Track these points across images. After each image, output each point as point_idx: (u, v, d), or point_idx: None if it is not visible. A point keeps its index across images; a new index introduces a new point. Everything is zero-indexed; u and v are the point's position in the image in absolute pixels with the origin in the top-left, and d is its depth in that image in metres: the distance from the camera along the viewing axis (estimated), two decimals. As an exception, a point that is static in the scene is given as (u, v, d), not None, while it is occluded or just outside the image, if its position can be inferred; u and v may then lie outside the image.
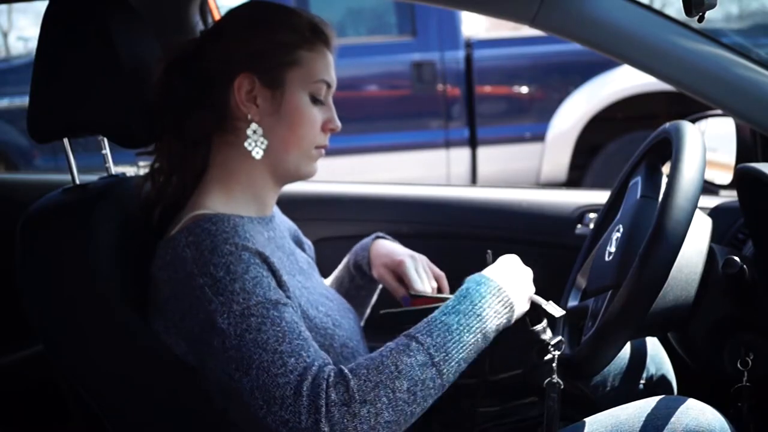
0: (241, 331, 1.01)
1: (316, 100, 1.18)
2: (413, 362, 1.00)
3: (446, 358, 1.01)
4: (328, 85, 1.20)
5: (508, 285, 1.11)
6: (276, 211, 1.32)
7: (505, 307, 1.08)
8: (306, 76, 1.17)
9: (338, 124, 1.21)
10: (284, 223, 1.34)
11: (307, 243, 1.42)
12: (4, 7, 5.74)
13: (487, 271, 1.14)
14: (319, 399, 0.96)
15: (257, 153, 1.16)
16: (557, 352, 1.17)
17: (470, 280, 1.12)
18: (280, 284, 1.08)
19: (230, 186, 1.18)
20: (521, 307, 1.13)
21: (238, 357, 1.00)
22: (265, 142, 1.16)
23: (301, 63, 1.17)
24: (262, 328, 1.01)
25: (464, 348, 1.03)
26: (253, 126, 1.16)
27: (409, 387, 0.98)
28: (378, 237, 1.45)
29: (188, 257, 1.05)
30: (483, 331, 1.05)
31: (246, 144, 1.16)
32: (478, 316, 1.05)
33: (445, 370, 1.01)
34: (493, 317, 1.07)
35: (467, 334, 1.04)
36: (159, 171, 1.21)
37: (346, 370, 0.99)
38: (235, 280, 1.03)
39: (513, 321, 1.11)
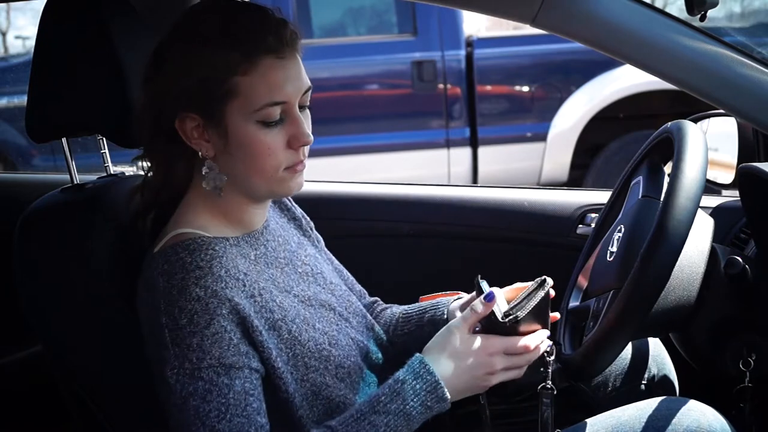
0: (187, 393, 1.00)
1: (268, 124, 1.06)
2: None
3: None
4: (282, 103, 1.06)
5: (450, 379, 1.07)
6: (273, 214, 1.28)
7: (438, 402, 1.06)
8: (247, 104, 1.05)
9: (308, 138, 1.09)
10: (284, 228, 1.29)
11: (316, 236, 1.38)
12: (2, 5, 5.73)
13: (435, 355, 1.09)
14: None
15: (216, 191, 1.10)
16: (551, 358, 1.16)
17: (410, 367, 1.07)
18: (250, 332, 1.04)
19: (211, 207, 1.13)
20: (461, 394, 1.09)
21: (179, 418, 1.01)
22: (224, 178, 1.10)
23: (238, 91, 1.04)
24: (207, 397, 0.99)
25: None
26: (209, 163, 1.09)
27: None
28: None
29: (159, 288, 1.03)
30: (410, 428, 1.05)
31: (204, 183, 1.10)
32: (407, 415, 1.04)
33: None
34: (422, 413, 1.05)
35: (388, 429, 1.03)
36: (150, 179, 1.16)
37: None
38: (194, 334, 1.00)
39: (445, 409, 1.08)
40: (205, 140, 1.08)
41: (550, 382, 1.17)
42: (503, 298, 1.21)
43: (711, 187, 1.62)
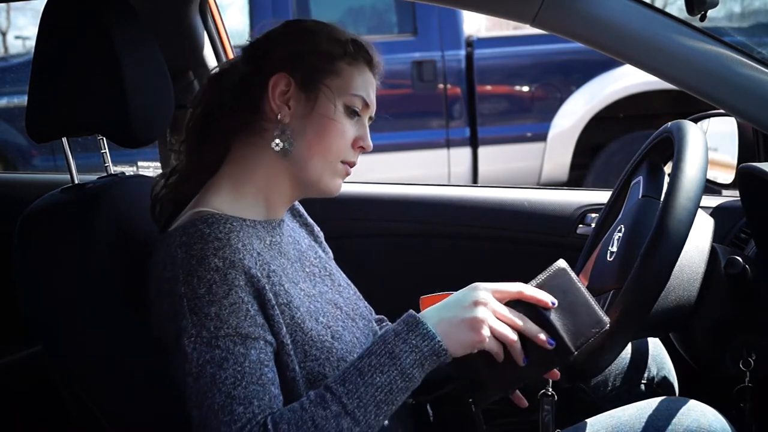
0: (204, 361, 1.01)
1: (351, 112, 1.17)
2: (328, 414, 0.99)
3: (360, 403, 1.00)
4: (366, 104, 1.19)
5: (437, 317, 1.04)
6: (285, 217, 1.29)
7: (425, 340, 1.02)
8: (343, 86, 1.16)
9: (370, 144, 1.20)
10: (294, 231, 1.31)
11: (327, 247, 1.40)
12: (2, 5, 5.73)
13: (427, 310, 1.07)
14: None
15: (285, 153, 1.15)
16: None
17: (398, 320, 1.06)
18: (265, 305, 1.07)
19: (241, 186, 1.17)
20: (461, 339, 1.03)
21: (195, 386, 1.01)
22: (294, 143, 1.15)
23: (340, 73, 1.17)
24: (224, 365, 1.01)
25: (379, 389, 1.00)
26: (282, 127, 1.15)
27: None
28: None
29: (178, 258, 1.04)
30: (400, 369, 1.01)
31: (273, 144, 1.15)
32: (390, 353, 1.02)
33: (361, 417, 0.99)
34: (408, 353, 1.01)
35: (379, 375, 1.01)
36: (175, 170, 1.21)
37: (270, 426, 0.99)
38: (213, 303, 1.02)
39: (449, 355, 1.03)
40: (286, 106, 1.15)
41: (551, 389, 1.16)
42: None
43: (711, 187, 1.62)
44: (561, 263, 1.10)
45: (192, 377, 1.02)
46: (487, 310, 1.04)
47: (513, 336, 1.04)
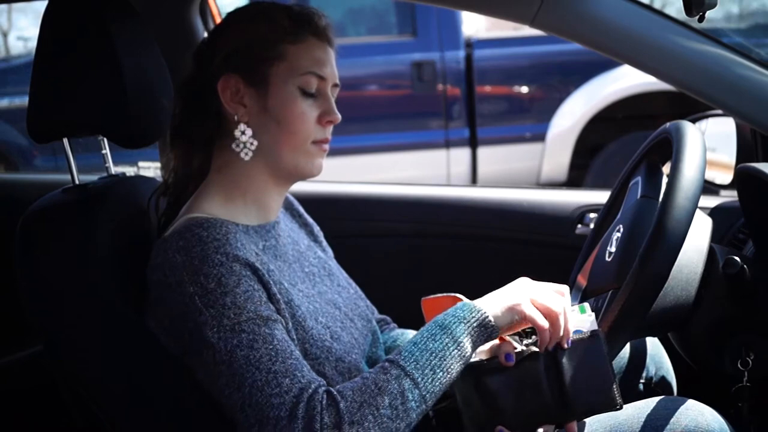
0: (232, 347, 1.01)
1: (306, 93, 1.15)
2: (389, 377, 1.01)
3: (417, 366, 1.02)
4: (320, 77, 1.16)
5: (482, 299, 1.09)
6: (284, 218, 1.30)
7: (472, 312, 1.06)
8: (291, 69, 1.14)
9: (337, 116, 1.17)
10: (294, 231, 1.32)
11: (327, 247, 1.40)
12: (3, 6, 5.74)
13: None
14: (314, 422, 0.96)
15: (246, 155, 1.15)
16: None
17: None
18: (271, 298, 1.07)
19: (230, 191, 1.17)
20: (503, 305, 1.07)
21: (229, 373, 1.01)
22: (255, 143, 1.15)
23: (285, 57, 1.14)
24: (254, 345, 1.01)
25: (433, 354, 1.03)
26: (241, 127, 1.15)
27: (391, 402, 1.00)
28: None
29: (178, 263, 1.04)
30: (451, 336, 1.05)
31: (233, 145, 1.15)
32: (441, 325, 1.06)
33: (419, 378, 1.02)
34: (457, 324, 1.05)
35: (432, 342, 1.04)
36: (169, 178, 1.22)
37: (335, 392, 1.00)
38: (226, 294, 1.02)
39: (495, 327, 1.06)
40: (242, 105, 1.15)
41: None
42: None
43: (709, 188, 1.63)
44: (599, 332, 1.09)
45: (224, 365, 1.01)
46: (530, 284, 1.10)
47: (558, 309, 1.07)
